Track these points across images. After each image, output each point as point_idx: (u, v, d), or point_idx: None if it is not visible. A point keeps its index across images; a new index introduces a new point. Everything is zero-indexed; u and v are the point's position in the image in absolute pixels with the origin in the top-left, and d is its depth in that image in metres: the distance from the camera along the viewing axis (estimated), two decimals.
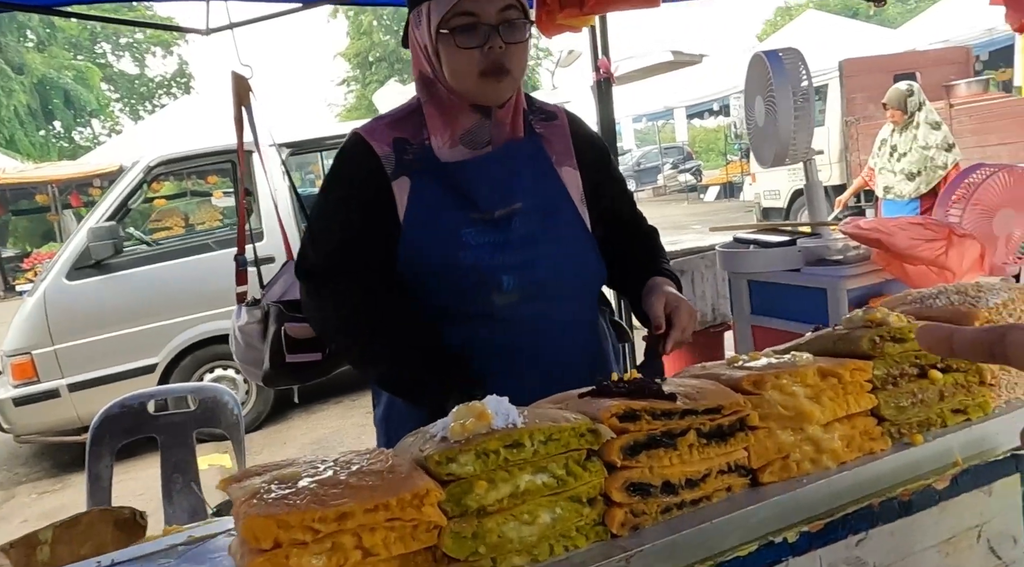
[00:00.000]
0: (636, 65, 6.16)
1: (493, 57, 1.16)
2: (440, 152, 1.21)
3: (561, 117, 1.32)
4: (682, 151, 22.77)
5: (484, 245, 1.18)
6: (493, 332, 1.21)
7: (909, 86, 4.87)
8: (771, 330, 1.58)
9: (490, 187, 1.20)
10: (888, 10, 20.12)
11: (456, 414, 0.65)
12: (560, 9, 1.70)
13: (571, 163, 1.29)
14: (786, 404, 0.69)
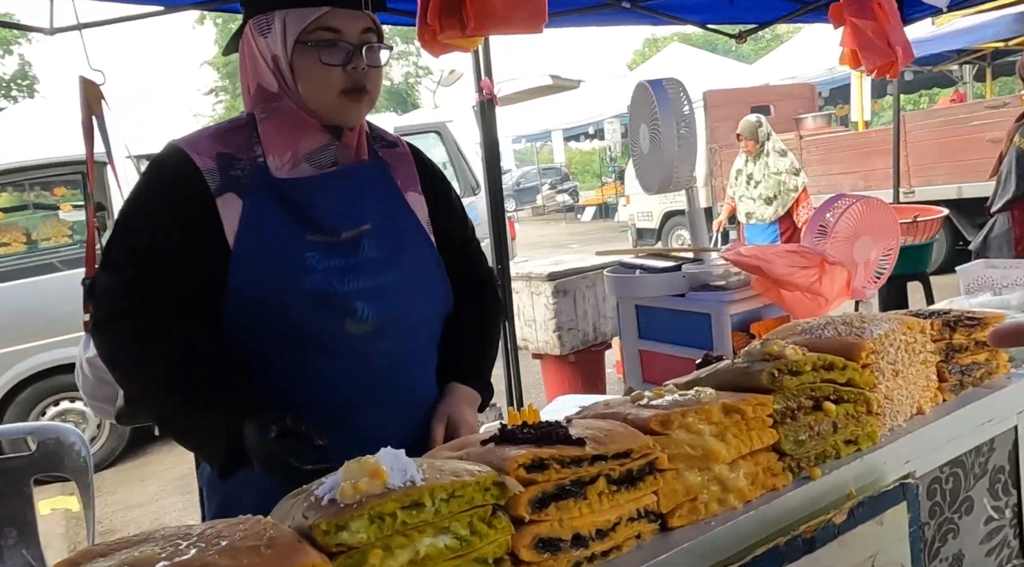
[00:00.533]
0: (517, 87, 6.27)
1: (356, 77, 1.10)
2: (278, 172, 1.11)
3: (403, 146, 1.28)
4: (560, 172, 23.44)
5: (332, 269, 1.09)
6: (346, 365, 1.11)
7: (758, 118, 5.31)
8: (658, 354, 1.60)
9: (336, 207, 1.12)
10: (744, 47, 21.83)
11: (346, 472, 0.57)
12: (441, 29, 1.65)
13: (416, 189, 1.24)
14: (693, 444, 0.67)
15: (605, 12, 3.72)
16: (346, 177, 1.16)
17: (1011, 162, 2.91)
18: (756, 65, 15.01)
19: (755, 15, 4.16)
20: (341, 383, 1.16)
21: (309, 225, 1.12)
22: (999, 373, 0.89)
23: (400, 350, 1.20)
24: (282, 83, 1.14)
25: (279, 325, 1.12)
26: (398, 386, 1.21)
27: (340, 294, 1.11)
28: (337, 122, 1.14)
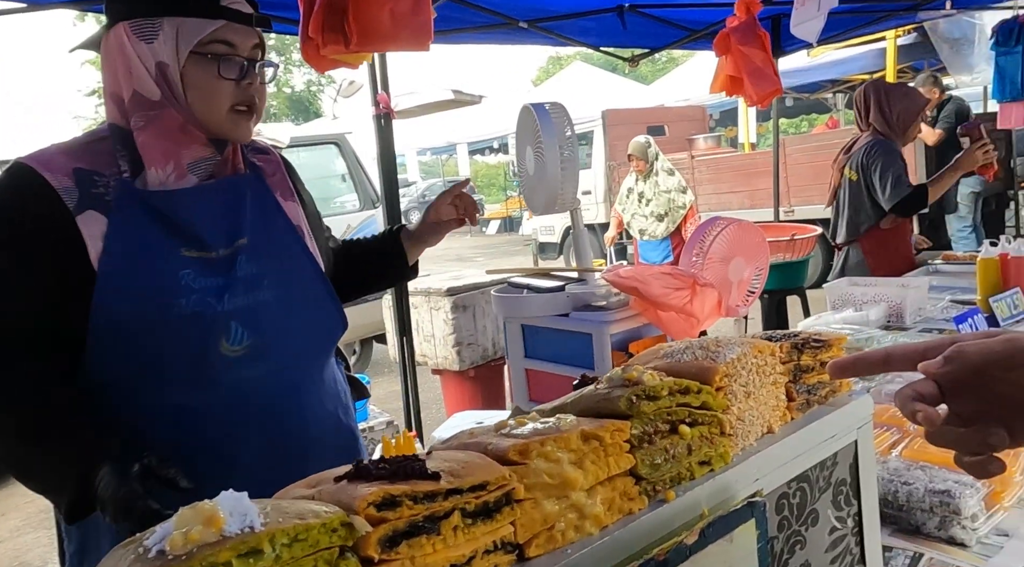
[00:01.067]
0: (417, 101, 6.23)
1: (249, 93, 1.09)
2: (157, 184, 1.06)
3: (273, 153, 1.26)
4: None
5: (208, 288, 1.04)
6: (220, 394, 1.06)
7: (647, 139, 5.57)
8: (544, 373, 1.63)
9: (213, 221, 1.08)
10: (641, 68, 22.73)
11: (179, 519, 0.54)
12: (324, 44, 1.62)
13: (292, 196, 1.23)
14: (551, 472, 0.68)
15: (503, 30, 3.77)
16: (222, 189, 1.12)
17: (845, 195, 3.09)
18: (653, 86, 15.65)
19: (647, 40, 4.34)
20: (215, 415, 1.10)
21: (183, 240, 1.06)
22: (842, 391, 0.95)
23: (280, 376, 1.16)
24: (167, 92, 1.08)
25: (147, 352, 1.05)
26: (278, 417, 1.16)
27: (215, 315, 1.06)
28: (224, 136, 1.10)
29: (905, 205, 2.92)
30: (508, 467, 0.66)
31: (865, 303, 2.44)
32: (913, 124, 3.04)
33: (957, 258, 3.18)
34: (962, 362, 0.59)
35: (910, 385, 0.62)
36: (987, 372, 0.59)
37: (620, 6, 3.79)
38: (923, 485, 1.12)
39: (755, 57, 2.51)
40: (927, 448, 1.27)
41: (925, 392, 0.61)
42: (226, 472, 1.08)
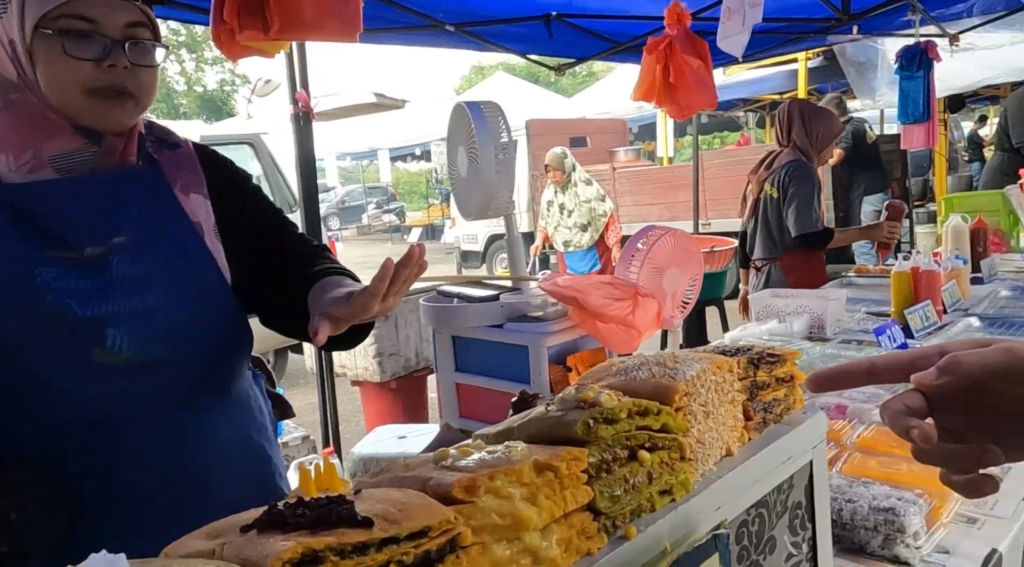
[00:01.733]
0: (338, 103, 6.05)
1: (115, 77, 0.95)
2: (9, 175, 0.93)
3: (187, 146, 1.13)
4: (386, 192, 23.15)
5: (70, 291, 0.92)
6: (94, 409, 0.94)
7: (563, 150, 5.62)
8: (476, 388, 1.53)
9: (81, 217, 0.95)
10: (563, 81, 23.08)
11: None
12: (240, 30, 1.48)
13: (201, 191, 1.09)
14: (501, 511, 0.59)
15: (429, 33, 3.68)
16: (98, 184, 0.98)
17: (765, 210, 3.17)
18: (574, 99, 15.87)
19: (572, 50, 4.34)
20: (95, 432, 0.96)
21: (44, 239, 0.92)
22: (796, 408, 0.91)
23: (174, 391, 1.02)
24: (21, 73, 0.94)
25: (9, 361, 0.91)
26: (171, 438, 1.02)
27: (84, 320, 0.93)
28: (90, 125, 0.96)
29: (808, 240, 3.03)
30: (452, 507, 0.57)
31: (788, 314, 2.48)
32: (830, 146, 3.16)
33: (869, 271, 3.31)
34: (959, 374, 0.54)
35: (898, 397, 0.57)
36: (985, 385, 0.54)
37: (547, 14, 3.78)
38: (867, 503, 1.09)
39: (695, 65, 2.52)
40: (866, 463, 1.26)
41: (914, 405, 0.56)
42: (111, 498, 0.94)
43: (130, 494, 0.96)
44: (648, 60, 2.70)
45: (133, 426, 0.97)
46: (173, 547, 0.55)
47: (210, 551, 0.52)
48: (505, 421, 0.77)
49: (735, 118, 13.22)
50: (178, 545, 0.55)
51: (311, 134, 3.21)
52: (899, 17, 4.00)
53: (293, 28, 1.53)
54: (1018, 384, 0.53)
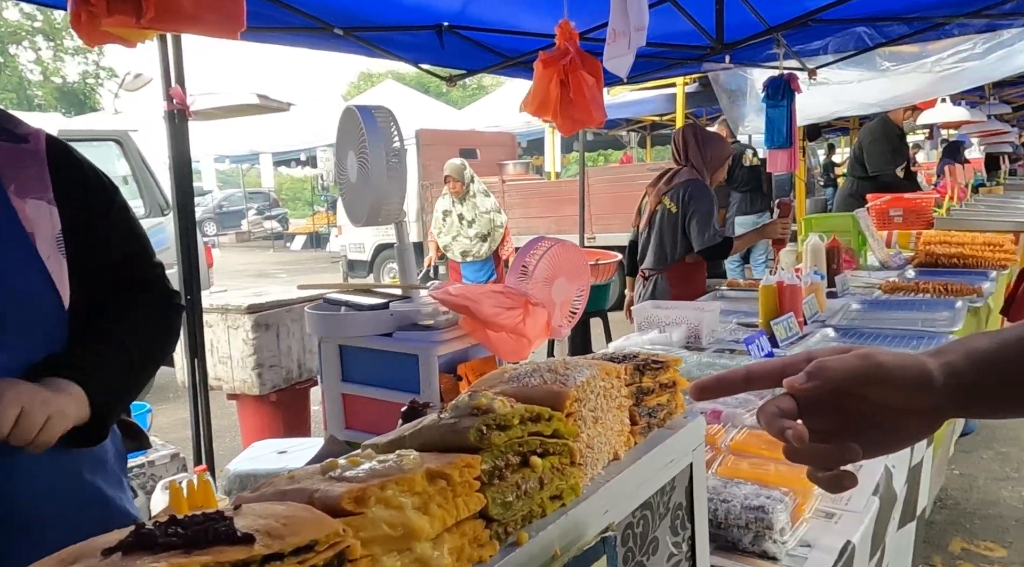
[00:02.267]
0: (218, 102, 5.77)
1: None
2: None
3: (37, 142, 1.02)
4: (268, 197, 22.24)
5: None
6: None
7: (462, 161, 5.68)
8: (363, 398, 1.49)
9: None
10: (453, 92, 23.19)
11: None
12: (108, 13, 1.37)
13: (44, 196, 0.98)
14: (393, 521, 0.57)
15: (318, 35, 3.58)
16: None
17: (660, 223, 3.37)
18: (464, 111, 15.97)
19: (464, 62, 4.37)
20: None
21: None
22: (677, 413, 0.95)
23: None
24: None
25: None
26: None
27: None
28: None
29: (711, 252, 3.29)
30: (341, 519, 0.55)
31: (668, 325, 2.59)
32: (721, 167, 3.42)
33: (739, 285, 3.53)
34: (824, 378, 0.58)
35: (772, 401, 0.60)
36: (845, 388, 0.59)
37: (439, 25, 3.78)
38: (739, 502, 1.16)
39: (589, 83, 2.59)
40: (739, 465, 1.33)
41: (786, 408, 0.60)
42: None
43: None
44: (542, 74, 2.76)
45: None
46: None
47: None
48: (396, 430, 0.76)
49: (618, 137, 13.78)
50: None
51: (187, 134, 3.03)
52: (766, 50, 4.33)
53: (169, 18, 1.44)
54: (872, 387, 0.58)
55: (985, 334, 0.64)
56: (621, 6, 2.62)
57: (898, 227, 4.65)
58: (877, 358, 0.59)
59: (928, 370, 0.59)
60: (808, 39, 4.23)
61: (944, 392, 0.59)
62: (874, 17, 3.94)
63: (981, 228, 4.31)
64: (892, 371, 0.58)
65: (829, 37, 4.21)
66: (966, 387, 0.59)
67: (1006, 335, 0.63)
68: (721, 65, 4.73)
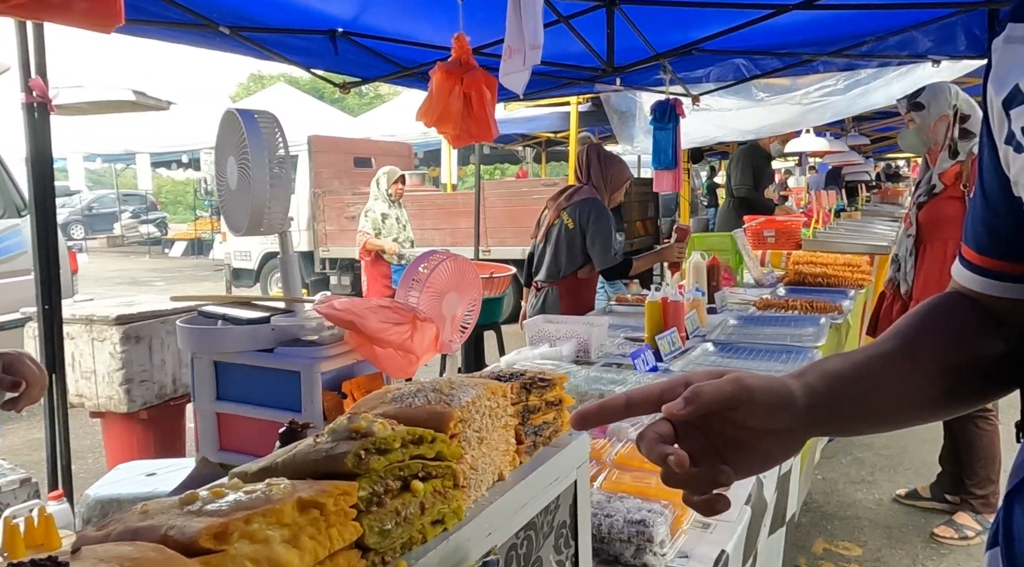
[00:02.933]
0: (86, 97, 5.36)
1: None
2: None
3: None
4: (145, 200, 20.88)
5: None
6: None
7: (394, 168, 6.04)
8: (239, 418, 1.41)
9: None
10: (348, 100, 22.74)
11: None
12: None
13: None
14: (257, 556, 0.53)
15: (201, 32, 3.41)
16: None
17: (557, 237, 3.45)
18: (360, 118, 15.69)
19: (358, 70, 4.29)
20: None
21: None
22: (563, 431, 0.96)
23: None
24: None
25: None
26: None
27: None
28: None
29: (612, 271, 3.42)
30: (198, 558, 0.50)
31: (558, 339, 2.63)
32: (620, 189, 3.56)
33: (627, 300, 3.64)
34: (699, 403, 0.60)
35: (651, 427, 0.61)
36: (717, 412, 0.60)
37: (333, 30, 3.70)
38: (622, 516, 1.18)
39: (484, 96, 2.59)
40: (622, 478, 1.36)
41: (664, 432, 0.61)
42: None
43: None
44: (442, 85, 2.74)
45: None
46: None
47: None
48: (269, 456, 0.71)
49: (514, 152, 13.98)
50: None
51: (48, 129, 2.79)
52: (653, 75, 4.52)
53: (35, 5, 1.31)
54: (741, 410, 0.61)
55: (838, 356, 0.69)
56: (517, 24, 2.66)
57: (771, 247, 4.97)
58: (746, 382, 0.61)
59: (791, 392, 0.62)
60: (692, 67, 4.46)
61: (805, 413, 0.62)
62: (751, 50, 4.21)
63: (842, 250, 4.68)
64: (758, 394, 0.61)
65: (711, 66, 4.45)
66: (824, 407, 0.63)
67: (856, 356, 0.68)
68: (612, 87, 4.90)
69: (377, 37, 3.81)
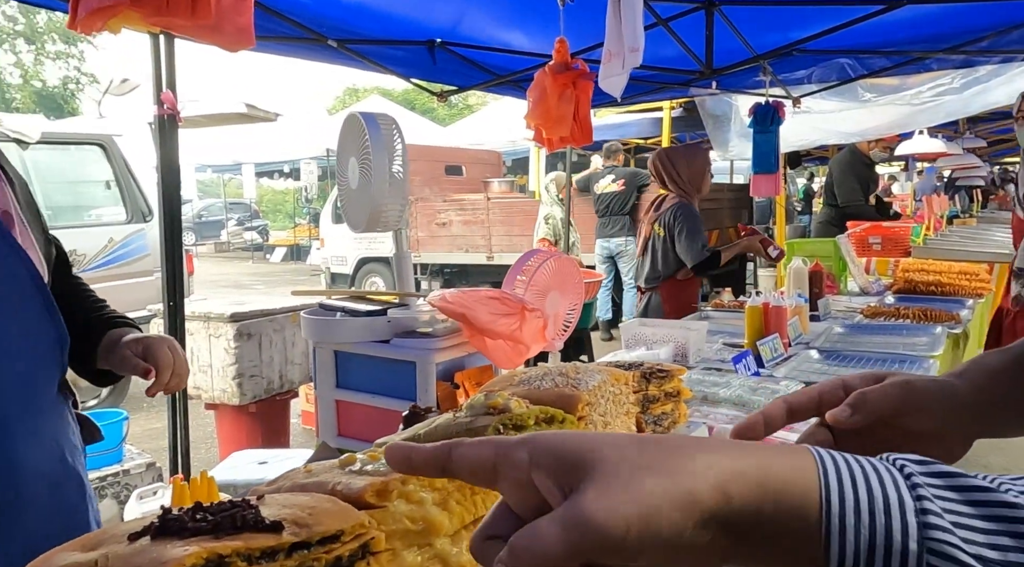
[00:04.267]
0: (205, 110, 5.75)
1: None
2: None
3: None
4: (249, 208, 22.08)
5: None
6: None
7: None
8: (357, 405, 1.48)
9: None
10: (439, 110, 23.32)
11: None
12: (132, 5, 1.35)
13: (1, 178, 0.99)
14: (413, 515, 0.57)
15: (310, 46, 3.59)
16: None
17: (652, 246, 3.64)
18: (449, 128, 16.03)
19: (455, 78, 4.41)
20: None
21: None
22: (681, 423, 0.96)
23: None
24: None
25: None
26: None
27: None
28: None
29: (702, 267, 3.53)
30: (364, 512, 0.55)
31: (655, 343, 2.61)
32: (703, 180, 3.57)
33: (724, 305, 3.56)
34: (865, 410, 0.58)
35: (810, 435, 0.60)
36: (883, 419, 0.58)
37: (432, 41, 3.82)
38: None
39: (579, 100, 2.63)
40: None
41: (821, 440, 0.59)
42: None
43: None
44: (544, 88, 2.79)
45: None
46: (41, 562, 0.48)
47: (90, 563, 0.46)
48: (408, 429, 0.75)
49: None
50: (48, 559, 0.48)
51: (176, 139, 3.01)
52: (752, 77, 4.42)
53: (193, 27, 1.42)
54: (908, 417, 0.58)
55: (997, 351, 0.65)
56: (616, 27, 2.67)
57: (876, 254, 4.74)
58: (914, 385, 0.59)
59: (956, 392, 0.59)
60: (793, 68, 4.33)
61: (973, 414, 0.59)
62: (856, 50, 4.05)
63: (956, 257, 4.41)
64: (929, 397, 0.58)
65: (813, 67, 4.31)
66: (992, 406, 0.59)
67: (1016, 350, 0.64)
68: (708, 90, 4.82)
69: (473, 46, 3.90)
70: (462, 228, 9.21)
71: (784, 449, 0.36)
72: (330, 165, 13.80)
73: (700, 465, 0.33)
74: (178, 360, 1.09)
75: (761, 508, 0.33)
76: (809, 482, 0.33)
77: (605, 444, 0.35)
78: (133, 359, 1.03)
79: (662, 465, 0.33)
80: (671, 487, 0.33)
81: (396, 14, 3.51)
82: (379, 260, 9.72)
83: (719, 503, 0.33)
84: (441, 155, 10.29)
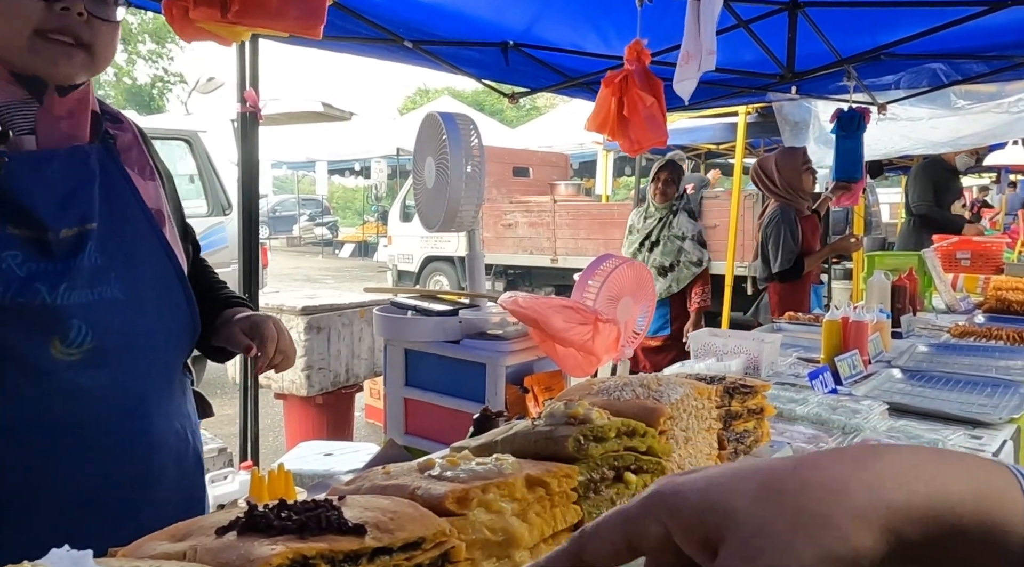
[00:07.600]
0: (283, 109, 5.93)
1: (66, 20, 0.87)
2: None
3: (127, 122, 1.07)
4: (320, 204, 22.72)
5: (40, 274, 0.85)
6: (47, 402, 0.87)
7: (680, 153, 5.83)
8: (425, 404, 1.49)
9: (52, 196, 0.88)
10: (508, 112, 23.43)
11: None
12: (194, 6, 1.40)
13: (151, 174, 1.04)
14: (493, 525, 0.55)
15: (386, 46, 3.65)
16: (63, 159, 0.90)
17: (760, 251, 3.87)
18: (517, 130, 16.09)
19: (527, 80, 4.40)
20: (36, 426, 0.88)
21: (10, 215, 0.84)
22: (763, 441, 0.92)
23: (122, 388, 0.96)
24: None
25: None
26: (117, 436, 0.95)
27: (50, 308, 0.85)
28: (34, 72, 0.88)
29: (785, 275, 3.68)
30: (444, 519, 0.53)
31: (725, 354, 2.53)
32: (800, 181, 3.59)
33: (799, 318, 3.43)
34: None
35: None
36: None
37: (505, 42, 3.82)
38: None
39: (648, 102, 2.58)
40: None
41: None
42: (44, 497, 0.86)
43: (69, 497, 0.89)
44: (604, 93, 2.75)
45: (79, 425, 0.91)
46: (133, 548, 0.49)
47: (179, 554, 0.47)
48: (484, 435, 0.74)
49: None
50: (139, 546, 0.49)
51: (256, 136, 3.11)
52: (835, 82, 4.25)
53: (254, 13, 1.46)
54: None
55: None
56: (695, 28, 2.60)
57: (965, 270, 4.48)
58: None
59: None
60: (880, 73, 4.15)
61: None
62: (951, 54, 3.84)
63: None
64: None
65: (902, 72, 4.11)
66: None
67: None
68: (786, 95, 4.66)
69: (547, 48, 3.89)
70: (527, 230, 9.20)
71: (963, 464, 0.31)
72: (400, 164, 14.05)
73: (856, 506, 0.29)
74: (283, 338, 1.10)
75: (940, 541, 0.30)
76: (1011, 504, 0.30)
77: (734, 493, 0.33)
78: (239, 335, 1.07)
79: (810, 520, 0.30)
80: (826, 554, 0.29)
81: (471, 15, 3.53)
82: (444, 259, 9.82)
83: (890, 543, 0.29)
84: (509, 157, 10.33)
